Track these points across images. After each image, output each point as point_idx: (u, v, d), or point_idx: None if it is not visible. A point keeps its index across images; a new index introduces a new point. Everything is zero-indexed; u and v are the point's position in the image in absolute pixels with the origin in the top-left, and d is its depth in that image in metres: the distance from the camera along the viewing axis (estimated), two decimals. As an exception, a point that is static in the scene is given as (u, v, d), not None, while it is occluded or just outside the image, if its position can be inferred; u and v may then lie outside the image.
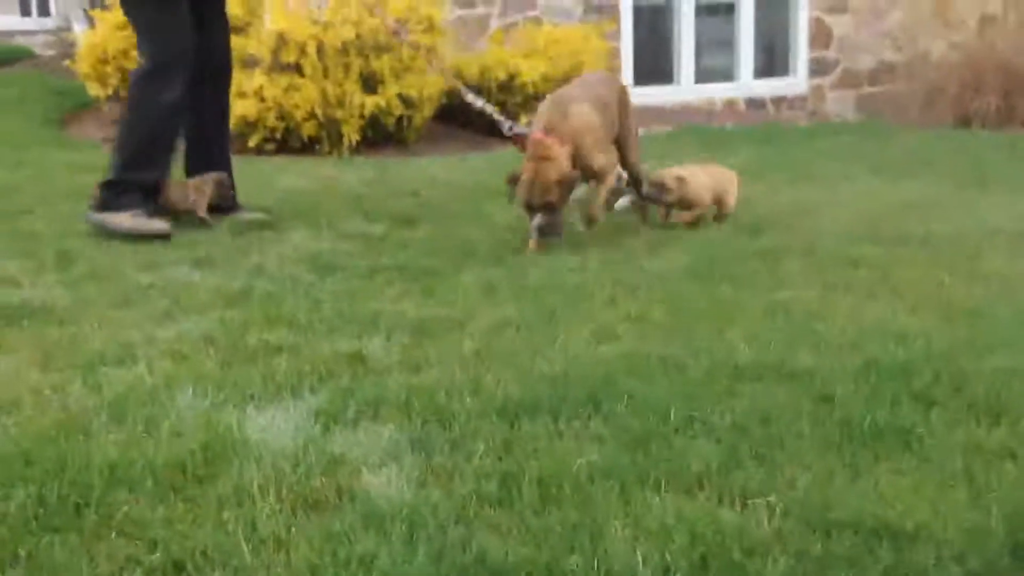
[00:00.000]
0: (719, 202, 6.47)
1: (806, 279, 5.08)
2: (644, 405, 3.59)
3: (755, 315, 4.55)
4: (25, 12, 18.42)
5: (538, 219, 5.76)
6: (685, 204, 6.34)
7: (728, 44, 12.06)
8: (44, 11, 17.57)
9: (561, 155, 5.77)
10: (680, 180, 6.30)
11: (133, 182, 6.22)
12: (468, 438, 3.36)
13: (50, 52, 14.48)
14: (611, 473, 3.13)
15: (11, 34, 15.74)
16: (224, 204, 6.51)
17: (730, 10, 12.01)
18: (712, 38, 12.06)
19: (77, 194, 6.78)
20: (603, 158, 6.08)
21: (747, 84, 12.03)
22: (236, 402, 3.66)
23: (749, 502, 2.98)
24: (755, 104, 12.01)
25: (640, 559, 2.70)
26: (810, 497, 2.99)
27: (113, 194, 6.18)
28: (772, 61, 12.26)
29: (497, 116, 6.79)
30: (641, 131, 10.02)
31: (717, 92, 11.92)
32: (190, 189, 6.40)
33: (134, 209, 6.15)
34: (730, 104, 11.93)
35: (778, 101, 12.13)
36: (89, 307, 4.74)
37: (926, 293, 4.86)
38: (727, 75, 12.07)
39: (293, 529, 2.84)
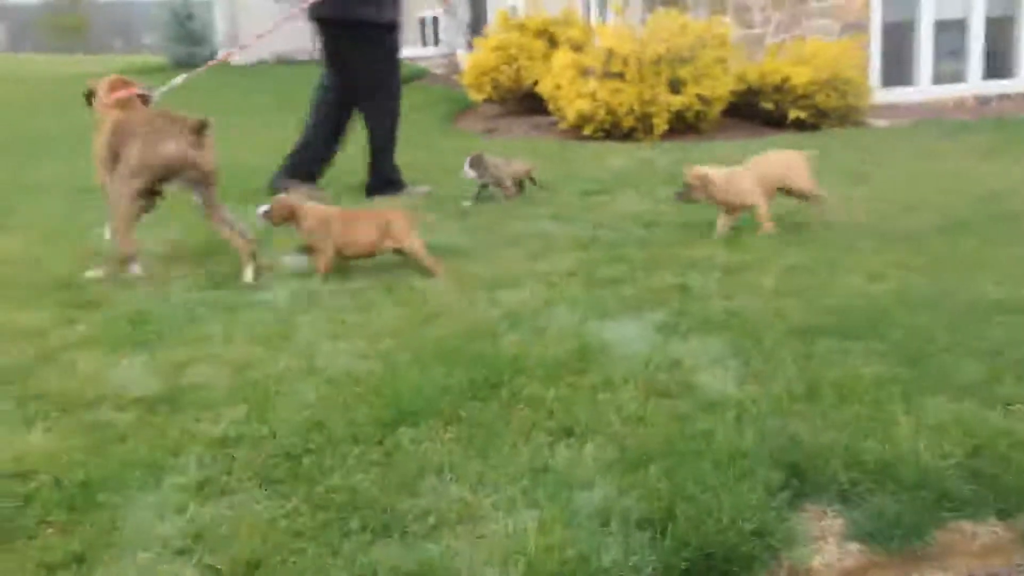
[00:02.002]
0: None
1: (1043, 237, 4.66)
2: (914, 331, 3.41)
3: (1001, 264, 4.22)
4: (424, 43, 19.21)
5: None
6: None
7: (960, 52, 11.16)
8: (436, 42, 18.25)
9: None
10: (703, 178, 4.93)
11: None
12: (776, 350, 3.28)
13: (440, 70, 15.00)
14: (893, 381, 2.99)
15: (414, 59, 16.41)
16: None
17: (962, 25, 11.11)
18: (947, 48, 11.18)
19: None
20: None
21: (976, 84, 11.09)
22: (596, 317, 3.70)
23: (1011, 408, 2.79)
24: (982, 101, 11.07)
25: (922, 446, 2.57)
26: (1065, 407, 2.77)
27: None
28: (997, 66, 11.26)
29: None
30: (884, 123, 9.55)
31: (950, 91, 11.06)
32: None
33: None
34: (960, 101, 11.04)
35: (1003, 98, 11.13)
36: (483, 247, 4.90)
37: None
38: (959, 77, 11.18)
39: (649, 410, 2.86)
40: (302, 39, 17.77)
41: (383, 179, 6.55)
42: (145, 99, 4.85)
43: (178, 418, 2.89)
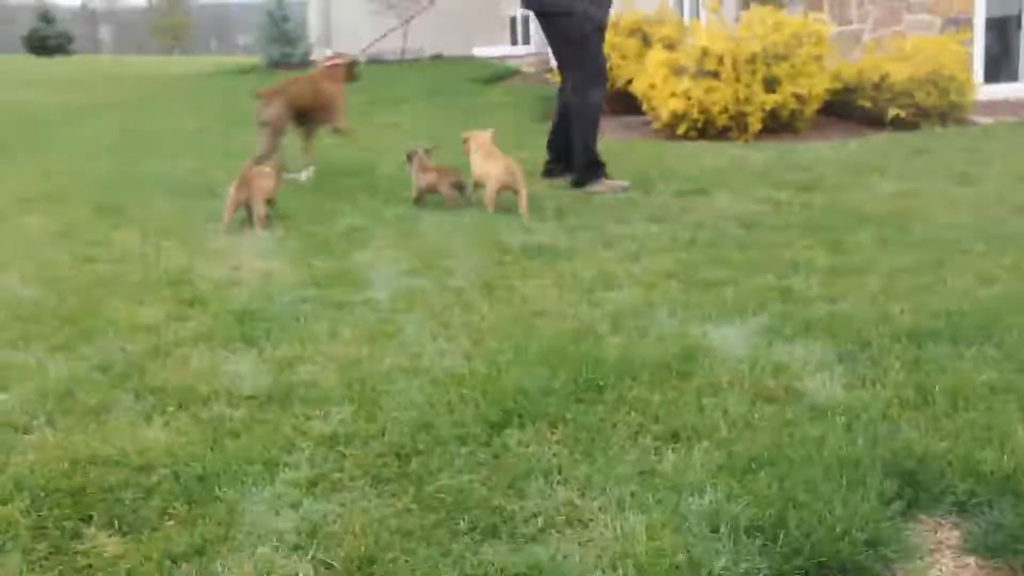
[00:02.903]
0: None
1: None
2: (1029, 337, 3.29)
3: (1119, 268, 4.06)
4: (513, 42, 19.30)
5: None
6: None
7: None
8: (527, 41, 18.30)
9: None
10: None
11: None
12: (884, 355, 3.21)
13: (532, 69, 14.98)
14: (1009, 389, 2.90)
15: (505, 58, 16.49)
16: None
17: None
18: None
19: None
20: None
21: (1085, 80, 10.67)
22: (698, 320, 3.67)
23: None
24: (1091, 96, 10.66)
25: (1045, 458, 2.48)
26: None
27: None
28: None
29: None
30: (989, 120, 9.25)
31: (1058, 87, 10.67)
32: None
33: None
34: (1069, 97, 10.65)
35: (1113, 94, 10.69)
36: (582, 248, 4.88)
37: None
38: (1066, 73, 10.77)
39: (756, 415, 2.82)
40: (392, 39, 17.97)
41: (584, 160, 6.68)
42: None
43: (289, 415, 2.95)
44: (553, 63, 11.49)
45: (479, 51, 17.84)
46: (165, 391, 3.16)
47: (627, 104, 9.85)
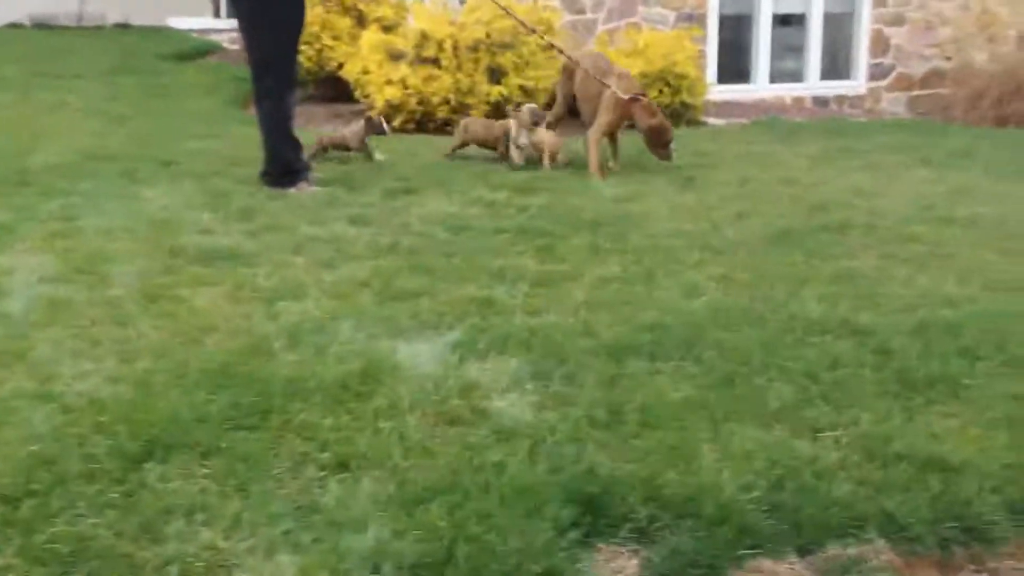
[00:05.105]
0: None
1: (867, 251, 4.97)
2: (729, 351, 3.56)
3: (824, 279, 4.47)
4: (216, 14, 18.69)
5: None
6: None
7: (799, 50, 11.80)
8: (231, 13, 17.78)
9: None
10: None
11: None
12: (580, 372, 3.36)
13: (235, 47, 14.57)
14: (702, 406, 3.11)
15: (206, 31, 15.91)
16: None
17: (801, 21, 11.76)
18: (785, 44, 11.80)
19: (255, 160, 6.79)
20: None
21: (814, 84, 11.75)
22: (388, 334, 3.70)
23: (819, 435, 2.96)
24: (820, 102, 11.72)
25: (726, 477, 2.68)
26: (871, 433, 2.96)
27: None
28: (836, 65, 11.94)
29: None
30: (721, 122, 9.97)
31: (788, 91, 11.66)
32: None
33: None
34: (798, 101, 11.67)
35: (840, 100, 11.82)
36: (268, 252, 4.80)
37: (971, 266, 4.72)
38: (797, 76, 11.81)
39: (436, 439, 2.88)
40: (66, 1, 16.97)
41: (281, 167, 6.40)
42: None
43: None
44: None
45: (175, 22, 17.17)
46: None
47: (338, 90, 9.82)
